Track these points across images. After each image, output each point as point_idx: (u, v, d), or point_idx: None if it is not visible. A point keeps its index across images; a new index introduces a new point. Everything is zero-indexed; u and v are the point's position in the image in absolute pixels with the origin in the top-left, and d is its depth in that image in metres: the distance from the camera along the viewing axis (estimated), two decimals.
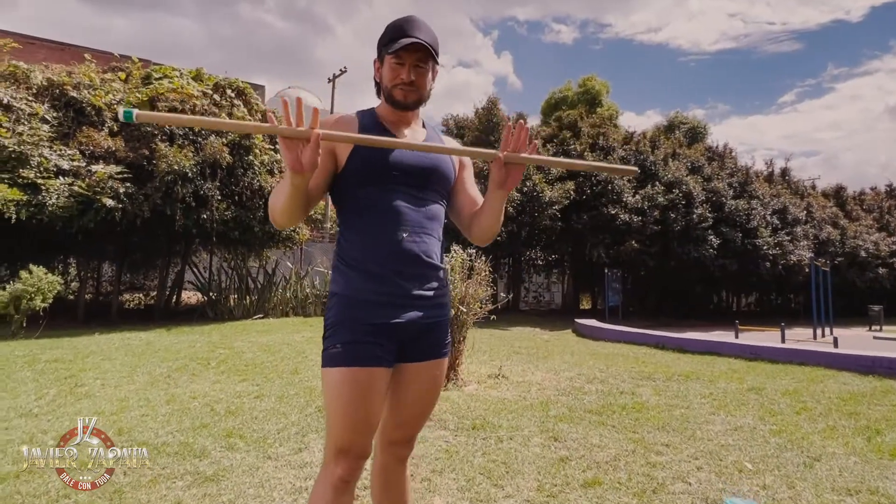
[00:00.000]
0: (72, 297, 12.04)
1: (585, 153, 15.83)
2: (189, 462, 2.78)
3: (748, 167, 19.88)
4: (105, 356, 6.22)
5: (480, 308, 5.19)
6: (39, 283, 7.72)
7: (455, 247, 5.32)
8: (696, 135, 27.05)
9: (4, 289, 7.54)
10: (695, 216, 16.04)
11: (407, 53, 1.43)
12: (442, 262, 1.53)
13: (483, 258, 5.38)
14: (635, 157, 17.02)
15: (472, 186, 1.65)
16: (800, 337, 12.85)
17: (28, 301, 7.52)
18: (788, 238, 18.31)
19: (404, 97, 1.47)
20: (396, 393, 1.50)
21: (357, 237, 1.42)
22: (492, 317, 5.38)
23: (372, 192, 1.43)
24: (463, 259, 5.15)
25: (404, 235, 1.43)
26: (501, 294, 16.95)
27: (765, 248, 17.24)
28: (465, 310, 4.92)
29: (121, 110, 1.08)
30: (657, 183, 16.05)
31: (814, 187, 24.56)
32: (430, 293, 1.47)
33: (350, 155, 1.43)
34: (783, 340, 10.80)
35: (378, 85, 1.54)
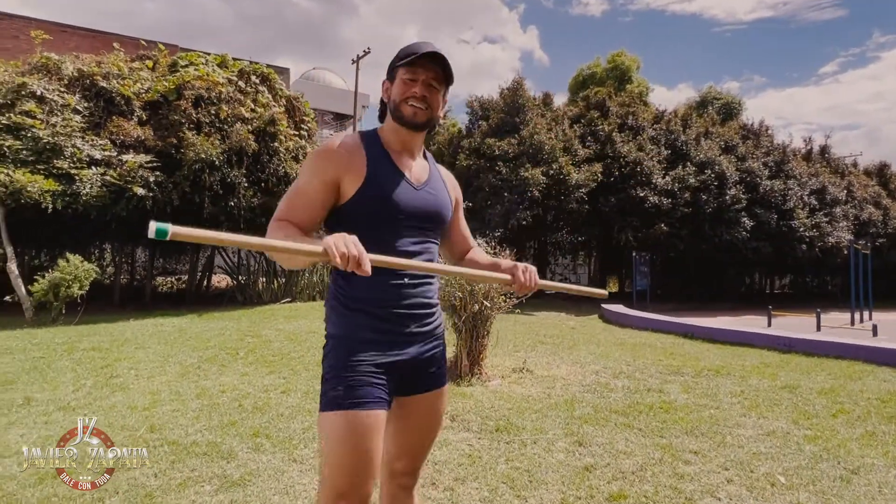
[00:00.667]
0: (108, 281, 12.43)
1: (614, 133, 15.43)
2: (217, 464, 2.84)
3: (785, 145, 19.11)
4: (139, 345, 6.41)
5: (505, 302, 5.15)
6: (76, 270, 7.96)
7: (479, 240, 5.26)
8: (730, 111, 26.09)
9: (44, 277, 7.80)
10: (727, 197, 15.55)
11: (422, 69, 1.41)
12: (436, 297, 1.54)
13: (508, 251, 5.31)
14: (665, 136, 16.52)
15: (464, 225, 1.72)
16: (836, 322, 12.46)
17: (66, 289, 7.78)
18: (827, 219, 17.64)
19: (414, 114, 1.43)
20: (398, 425, 1.50)
21: (360, 278, 1.31)
22: (516, 310, 5.32)
23: (376, 233, 1.38)
24: (487, 251, 5.08)
25: (406, 280, 1.42)
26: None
27: (801, 229, 16.66)
28: (488, 304, 4.87)
29: (152, 227, 0.95)
30: (688, 163, 15.56)
31: (855, 165, 23.50)
32: (427, 328, 1.49)
33: (357, 193, 1.39)
34: (818, 328, 10.49)
35: (384, 105, 1.50)
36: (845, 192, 19.53)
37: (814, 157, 21.08)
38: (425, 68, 1.41)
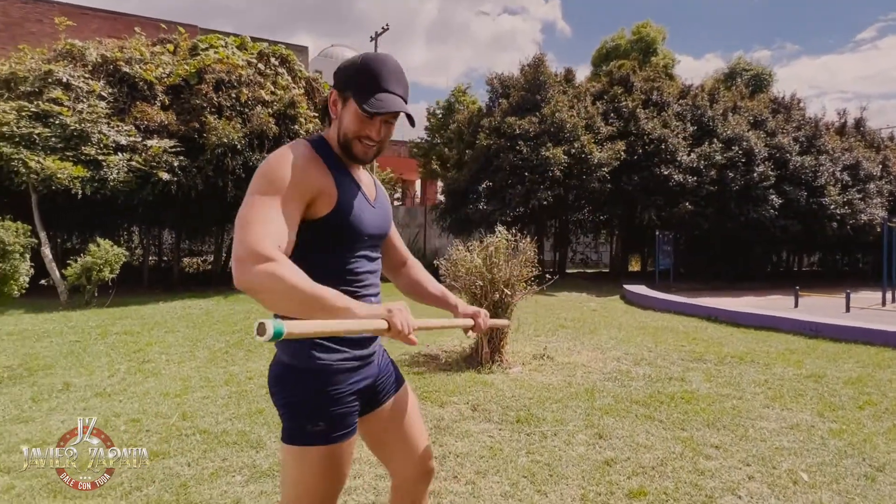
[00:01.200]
0: (136, 263, 12.74)
1: (638, 110, 15.06)
2: (246, 454, 2.94)
3: (817, 119, 18.43)
4: (168, 328, 6.60)
5: (526, 288, 5.15)
6: (107, 255, 8.19)
7: (499, 227, 5.25)
8: (760, 83, 25.22)
9: (76, 261, 8.04)
10: (755, 175, 15.13)
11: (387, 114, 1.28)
12: None
13: (528, 238, 5.29)
14: (692, 112, 16.08)
15: (397, 233, 1.68)
16: (867, 302, 12.16)
17: (98, 273, 8.02)
18: (860, 196, 17.07)
19: (365, 153, 1.33)
20: (386, 437, 1.51)
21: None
22: (539, 288, 5.31)
23: (338, 255, 1.32)
24: (507, 240, 5.08)
25: (373, 299, 1.39)
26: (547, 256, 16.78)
27: (832, 207, 16.16)
28: (509, 293, 4.88)
29: (269, 328, 0.88)
30: (715, 140, 15.15)
31: (892, 138, 22.59)
32: (378, 340, 1.48)
33: (328, 215, 1.27)
34: (847, 309, 10.26)
35: (328, 115, 1.37)
36: (880, 167, 18.82)
37: (848, 130, 20.30)
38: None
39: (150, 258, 12.97)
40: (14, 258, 4.58)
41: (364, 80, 1.27)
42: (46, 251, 8.50)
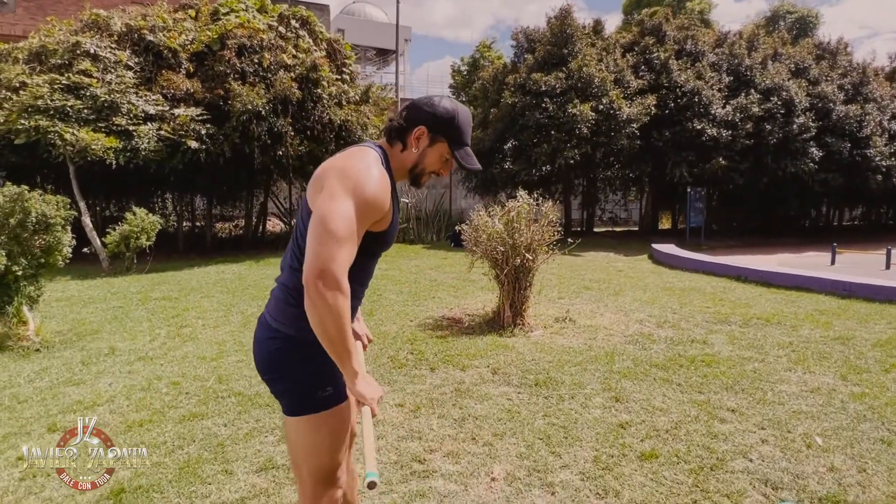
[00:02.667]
0: (171, 229, 13.16)
1: (670, 61, 14.42)
2: (278, 416, 3.13)
3: (866, 64, 17.32)
4: (204, 294, 6.89)
5: (548, 252, 5.17)
6: (143, 222, 8.49)
7: (521, 191, 5.23)
8: (804, 26, 23.72)
9: (115, 230, 8.38)
10: (795, 126, 14.45)
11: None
12: None
13: (551, 201, 5.26)
14: (728, 61, 15.31)
15: None
16: None
17: (135, 240, 8.35)
18: None
19: (423, 184, 1.57)
20: None
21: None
22: (565, 250, 5.32)
23: (366, 260, 1.49)
24: (529, 204, 5.06)
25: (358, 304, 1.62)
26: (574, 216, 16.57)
27: (877, 158, 15.41)
28: (530, 257, 4.91)
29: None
30: (752, 91, 14.45)
31: None
32: None
33: (378, 234, 1.44)
34: (888, 266, 9.94)
35: (405, 138, 1.48)
36: None
37: None
38: None
39: (184, 224, 13.37)
40: (56, 230, 4.80)
41: (457, 134, 1.48)
42: (87, 220, 8.86)
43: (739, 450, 2.68)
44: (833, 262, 10.70)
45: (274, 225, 15.62)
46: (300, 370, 1.43)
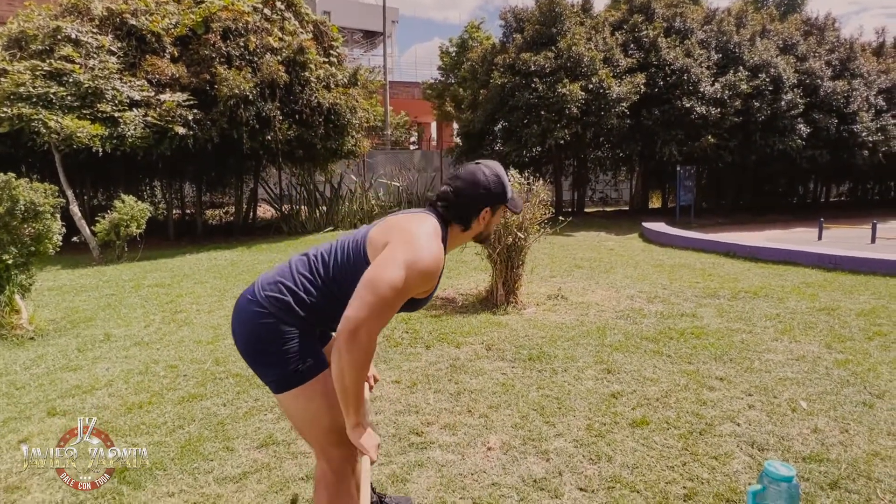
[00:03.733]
0: (161, 217, 13.07)
1: (659, 39, 14.37)
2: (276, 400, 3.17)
3: (853, 40, 17.36)
4: (197, 280, 6.89)
5: (539, 231, 5.21)
6: (132, 210, 8.42)
7: (511, 171, 5.25)
8: (792, 2, 23.65)
9: (104, 218, 8.31)
10: (783, 103, 14.51)
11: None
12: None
13: (542, 181, 5.29)
14: (716, 38, 15.27)
15: None
16: (894, 232, 11.91)
17: (125, 228, 8.29)
18: (895, 121, 16.32)
19: (488, 242, 1.80)
20: None
21: (332, 321, 1.51)
22: (554, 230, 5.37)
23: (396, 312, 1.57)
24: (520, 182, 5.09)
25: None
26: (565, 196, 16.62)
27: (864, 134, 15.51)
28: (522, 236, 4.95)
29: None
30: (741, 68, 14.45)
31: None
32: None
33: (415, 299, 1.52)
34: (873, 240, 10.09)
35: (469, 222, 1.59)
36: None
37: (886, 50, 19.12)
38: None
39: (174, 212, 13.28)
40: (46, 218, 4.78)
41: (508, 193, 1.62)
42: (75, 209, 8.78)
43: (727, 415, 2.76)
44: (820, 237, 10.85)
45: (265, 211, 15.56)
46: (282, 348, 1.49)
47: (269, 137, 10.10)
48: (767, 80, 14.46)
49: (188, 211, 14.75)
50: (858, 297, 5.27)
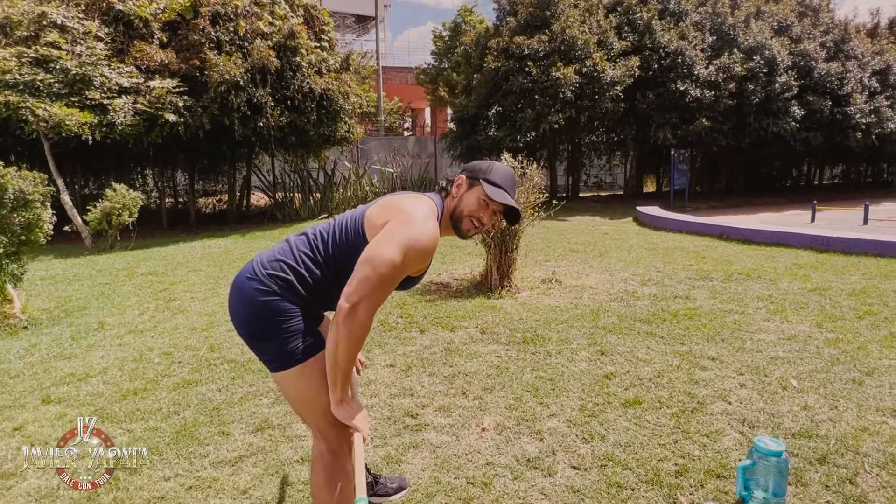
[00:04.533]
0: (154, 206, 12.99)
1: (653, 21, 14.27)
2: (271, 380, 3.18)
3: (848, 21, 17.30)
4: (191, 268, 6.87)
5: (533, 214, 5.21)
6: (124, 199, 8.36)
7: (505, 155, 5.23)
8: None
9: (96, 206, 8.24)
10: (777, 85, 14.49)
11: (499, 205, 1.58)
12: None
13: (535, 165, 5.27)
14: (711, 20, 15.19)
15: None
16: (887, 214, 11.99)
17: (117, 217, 8.23)
18: (888, 103, 16.35)
19: (468, 231, 1.59)
20: None
21: (326, 301, 1.58)
22: (550, 211, 5.38)
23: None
24: (513, 166, 5.07)
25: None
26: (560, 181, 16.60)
27: (857, 116, 15.54)
28: None
29: None
30: (735, 50, 14.39)
31: None
32: None
33: (411, 278, 1.56)
34: (865, 222, 10.15)
35: (446, 192, 1.61)
36: None
37: (880, 32, 19.10)
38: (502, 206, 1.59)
39: (167, 200, 13.19)
40: (35, 206, 4.73)
41: (490, 175, 1.58)
42: (66, 198, 8.70)
43: (719, 394, 2.79)
44: (813, 219, 10.91)
45: (258, 198, 15.47)
46: (282, 326, 1.49)
47: (261, 124, 10.01)
48: (762, 62, 14.42)
49: (181, 199, 14.66)
50: (849, 277, 5.31)
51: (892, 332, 3.65)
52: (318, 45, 11.28)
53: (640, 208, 11.87)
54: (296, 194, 13.27)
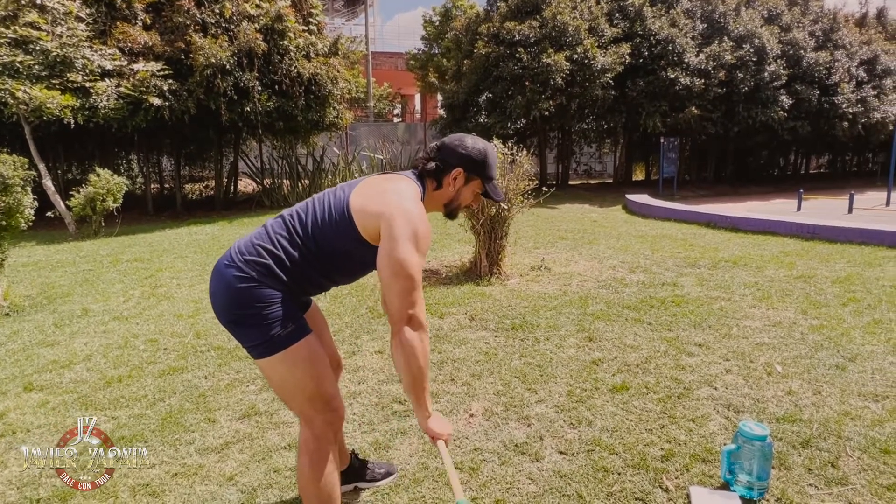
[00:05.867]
0: (139, 191, 12.81)
1: (645, 7, 14.20)
2: (257, 367, 3.16)
3: (837, 10, 17.36)
4: (177, 254, 6.78)
5: (523, 201, 5.19)
6: (108, 184, 8.22)
7: (495, 141, 5.19)
8: None
9: (79, 192, 8.10)
10: (766, 74, 14.53)
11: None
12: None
13: (525, 152, 5.25)
14: (702, 7, 15.17)
15: None
16: (872, 203, 12.14)
17: (101, 202, 8.10)
18: (874, 93, 16.47)
19: (455, 216, 1.71)
20: (316, 330, 1.74)
21: (332, 273, 1.59)
22: (539, 199, 5.37)
23: (370, 268, 1.62)
24: (503, 154, 5.05)
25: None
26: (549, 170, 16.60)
27: (844, 105, 15.64)
28: (506, 207, 4.93)
29: None
30: (725, 38, 14.40)
31: None
32: None
33: None
34: (850, 210, 10.27)
35: (441, 178, 1.61)
36: None
37: (868, 21, 19.19)
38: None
39: (152, 186, 12.99)
40: (15, 191, 4.63)
41: (489, 171, 1.63)
42: (48, 183, 8.53)
43: (705, 379, 2.81)
44: (799, 207, 11.01)
45: (246, 185, 15.31)
46: (263, 313, 1.46)
47: (249, 109, 9.87)
48: (751, 50, 14.44)
49: (167, 185, 14.47)
50: (834, 265, 5.37)
51: (874, 319, 3.70)
52: (306, 28, 11.10)
53: (629, 196, 11.90)
54: (284, 181, 13.14)
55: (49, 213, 8.35)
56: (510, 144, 5.21)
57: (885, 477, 1.98)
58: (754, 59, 14.52)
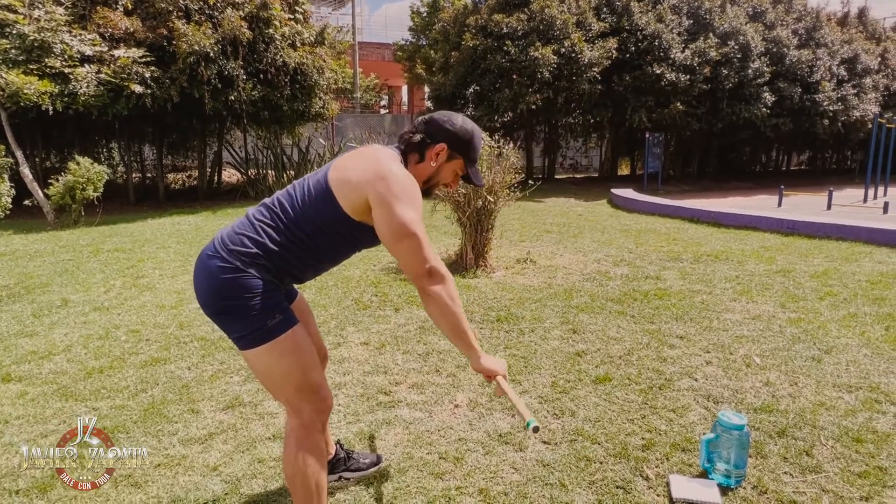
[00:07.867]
0: (120, 181, 12.59)
1: (631, 3, 14.27)
2: (242, 358, 3.14)
3: (819, 9, 17.61)
4: (160, 245, 6.70)
5: (509, 194, 5.21)
6: (88, 173, 8.06)
7: (482, 134, 5.19)
8: None
9: (58, 180, 7.94)
10: (750, 71, 14.71)
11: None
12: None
13: (512, 145, 5.26)
14: (688, 4, 15.27)
15: None
16: (850, 199, 12.40)
17: (81, 191, 7.95)
18: (854, 91, 16.77)
19: (433, 193, 1.70)
20: (302, 321, 1.74)
21: (317, 257, 1.57)
22: (526, 192, 5.39)
23: (352, 248, 1.63)
24: (490, 147, 5.05)
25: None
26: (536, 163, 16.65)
27: (825, 103, 15.91)
28: (492, 199, 4.95)
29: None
30: (711, 35, 14.53)
31: (895, 29, 21.73)
32: None
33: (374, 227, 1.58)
34: (829, 206, 10.47)
35: (424, 152, 1.59)
36: (879, 60, 18.30)
37: (850, 21, 19.50)
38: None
39: (134, 175, 12.78)
40: None
41: (473, 153, 1.62)
42: (26, 171, 8.35)
43: (686, 371, 2.86)
44: (780, 203, 11.20)
45: (230, 175, 15.12)
46: (248, 304, 1.44)
47: (233, 97, 9.74)
48: (736, 47, 14.60)
49: (149, 175, 14.23)
50: (813, 260, 5.48)
51: (850, 313, 3.79)
52: (291, 17, 10.96)
53: (614, 191, 12.00)
54: (269, 171, 13.00)
55: (27, 202, 8.19)
56: (497, 137, 5.22)
57: (856, 465, 2.04)
58: (739, 56, 14.68)
